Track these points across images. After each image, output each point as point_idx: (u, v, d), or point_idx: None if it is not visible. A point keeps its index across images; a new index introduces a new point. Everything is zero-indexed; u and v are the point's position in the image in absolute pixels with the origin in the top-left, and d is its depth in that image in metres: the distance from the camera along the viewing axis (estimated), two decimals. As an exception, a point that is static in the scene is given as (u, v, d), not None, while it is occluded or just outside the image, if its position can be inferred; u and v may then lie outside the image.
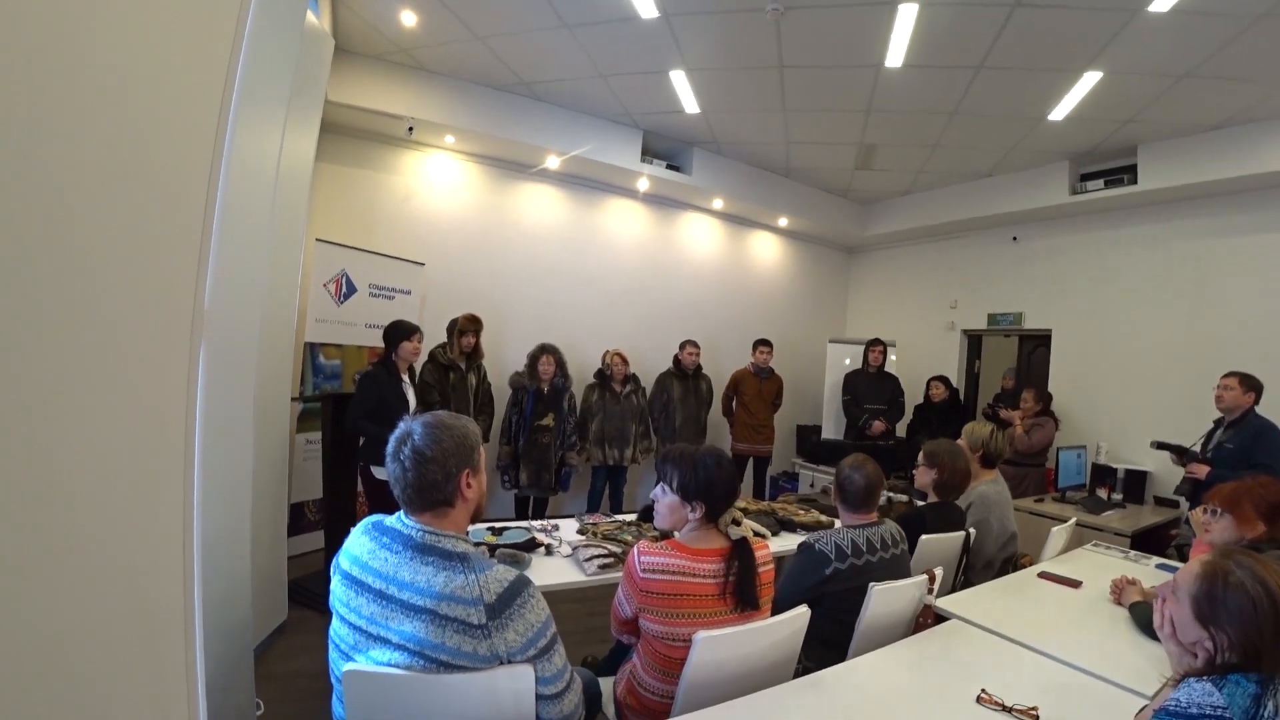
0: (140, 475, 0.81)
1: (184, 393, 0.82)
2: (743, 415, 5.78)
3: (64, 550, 0.73)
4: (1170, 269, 5.18)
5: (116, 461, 0.78)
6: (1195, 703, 1.04)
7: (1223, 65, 3.70)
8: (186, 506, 0.85)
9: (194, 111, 0.79)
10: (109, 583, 0.78)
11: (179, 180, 0.80)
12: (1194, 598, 1.15)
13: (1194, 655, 1.14)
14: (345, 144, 4.85)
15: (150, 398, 0.80)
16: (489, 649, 1.19)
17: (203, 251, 0.80)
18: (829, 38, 3.86)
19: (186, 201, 0.80)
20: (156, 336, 0.79)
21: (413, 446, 1.28)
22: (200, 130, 0.79)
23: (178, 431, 0.83)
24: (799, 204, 6.78)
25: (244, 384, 2.32)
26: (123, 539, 0.79)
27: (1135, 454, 4.87)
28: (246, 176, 1.68)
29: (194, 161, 0.80)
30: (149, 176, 0.77)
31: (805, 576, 2.01)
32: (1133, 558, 3.07)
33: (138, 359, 0.77)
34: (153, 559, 0.84)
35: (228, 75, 0.79)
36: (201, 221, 0.80)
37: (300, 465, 4.27)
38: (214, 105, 0.79)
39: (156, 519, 0.84)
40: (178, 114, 0.78)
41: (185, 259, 0.79)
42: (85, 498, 0.74)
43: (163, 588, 0.85)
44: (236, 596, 2.38)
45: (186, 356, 0.81)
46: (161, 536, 0.84)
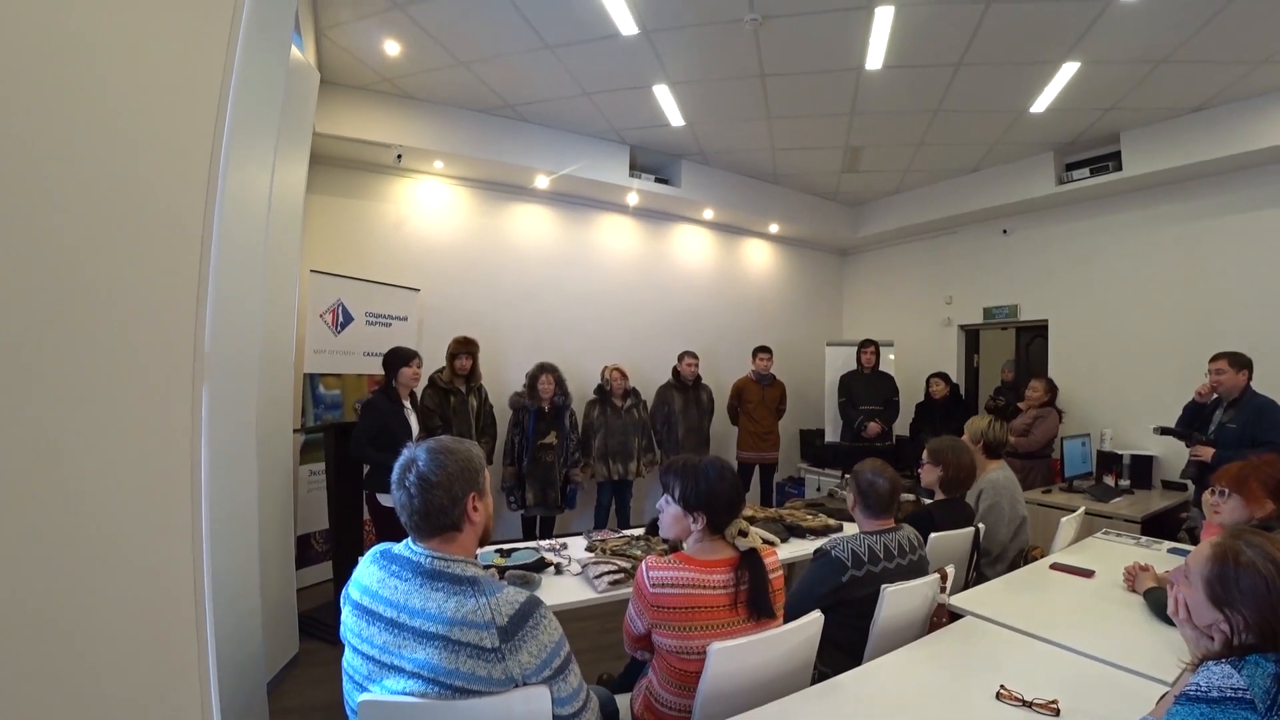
0: (150, 517, 0.82)
1: (188, 434, 0.83)
2: (747, 423, 5.77)
3: (79, 594, 0.73)
4: (1161, 252, 5.21)
5: (125, 507, 0.78)
6: (1215, 685, 1.04)
7: (1198, 48, 3.74)
8: (195, 546, 0.86)
9: (186, 155, 0.80)
10: (123, 622, 0.78)
11: (175, 223, 0.81)
12: (1206, 580, 1.14)
13: (1211, 638, 1.14)
14: (335, 175, 4.88)
15: (156, 442, 0.81)
16: (503, 672, 1.18)
17: (200, 294, 0.80)
18: (808, 44, 3.90)
19: (183, 245, 0.81)
20: (159, 383, 0.79)
21: (417, 472, 1.28)
22: (193, 173, 0.80)
23: (183, 472, 0.83)
24: (789, 209, 6.81)
25: (245, 419, 2.32)
26: (134, 583, 0.79)
27: (1140, 439, 4.86)
28: (239, 213, 1.69)
29: (189, 204, 0.81)
30: (146, 222, 0.78)
31: (822, 583, 1.99)
32: (1144, 543, 3.06)
33: (142, 406, 0.78)
34: (165, 599, 0.84)
35: (218, 117, 0.80)
36: (198, 265, 0.81)
37: (305, 496, 4.26)
38: (205, 148, 0.80)
39: (167, 561, 0.84)
40: (170, 158, 0.79)
41: (184, 304, 0.80)
42: (97, 543, 0.74)
43: (175, 626, 0.85)
44: (247, 632, 2.37)
45: (189, 399, 0.82)
46: (172, 577, 0.84)
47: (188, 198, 0.80)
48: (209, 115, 0.80)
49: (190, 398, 0.83)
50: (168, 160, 0.79)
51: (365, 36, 3.91)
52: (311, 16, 3.65)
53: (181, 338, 0.81)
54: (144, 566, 0.82)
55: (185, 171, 0.80)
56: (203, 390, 0.83)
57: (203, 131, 0.80)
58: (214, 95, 0.80)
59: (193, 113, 0.81)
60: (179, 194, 0.80)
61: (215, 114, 0.80)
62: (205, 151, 0.80)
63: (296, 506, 3.85)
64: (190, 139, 0.80)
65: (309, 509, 4.26)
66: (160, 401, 0.82)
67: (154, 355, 0.80)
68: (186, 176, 0.80)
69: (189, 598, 0.86)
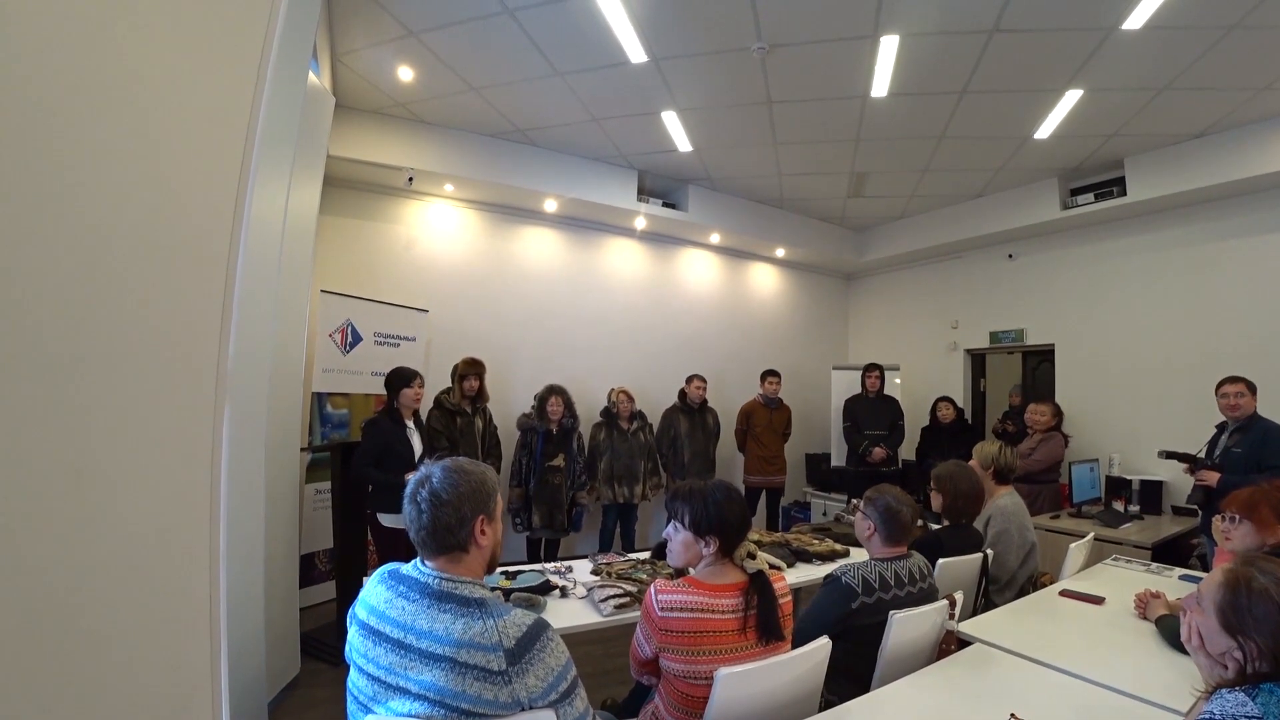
0: (171, 535, 0.83)
1: (209, 453, 0.84)
2: (754, 448, 5.76)
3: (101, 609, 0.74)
4: (1166, 276, 5.21)
5: (148, 524, 0.79)
6: (1229, 714, 1.03)
7: (1200, 75, 3.79)
8: (213, 565, 0.87)
9: (216, 180, 0.83)
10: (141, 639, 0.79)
11: (204, 246, 0.83)
12: (1219, 607, 1.14)
13: (1224, 666, 1.13)
14: (347, 196, 4.95)
15: (179, 461, 0.82)
16: (510, 695, 1.18)
17: (225, 315, 0.82)
18: (814, 72, 3.96)
19: (211, 266, 0.83)
20: (184, 402, 0.81)
21: (430, 489, 1.29)
22: (222, 197, 0.83)
23: (204, 491, 0.85)
24: (795, 234, 6.86)
25: (255, 436, 2.34)
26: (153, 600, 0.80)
27: (1149, 464, 4.82)
28: (256, 234, 1.73)
29: (217, 227, 0.83)
30: (177, 246, 0.80)
31: (831, 609, 1.97)
32: (1155, 570, 3.03)
33: (167, 425, 0.80)
34: (182, 617, 0.85)
35: (246, 144, 0.83)
36: (224, 287, 0.83)
37: (310, 515, 4.26)
38: (234, 173, 0.82)
39: (186, 579, 0.85)
40: (202, 183, 0.82)
41: (209, 324, 0.82)
42: (119, 559, 0.76)
43: (191, 646, 0.85)
44: (250, 651, 2.36)
45: (212, 418, 0.83)
46: (190, 595, 0.85)
47: (216, 222, 0.82)
48: (238, 143, 0.83)
49: (213, 417, 0.84)
50: (199, 186, 0.82)
51: (379, 62, 3.99)
52: (328, 43, 3.74)
53: (206, 358, 0.83)
54: (164, 584, 0.84)
55: (215, 196, 0.83)
56: (224, 409, 0.85)
57: (231, 157, 0.82)
58: (243, 124, 0.83)
59: (223, 141, 0.83)
60: (208, 218, 0.83)
61: (244, 142, 0.83)
62: (234, 176, 0.82)
63: (301, 525, 3.84)
64: (220, 165, 0.83)
65: (314, 528, 4.26)
66: (185, 421, 0.83)
67: (179, 375, 0.82)
68: (216, 201, 0.83)
69: (204, 617, 0.87)
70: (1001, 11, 3.26)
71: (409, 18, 3.51)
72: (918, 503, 2.23)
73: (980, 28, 3.41)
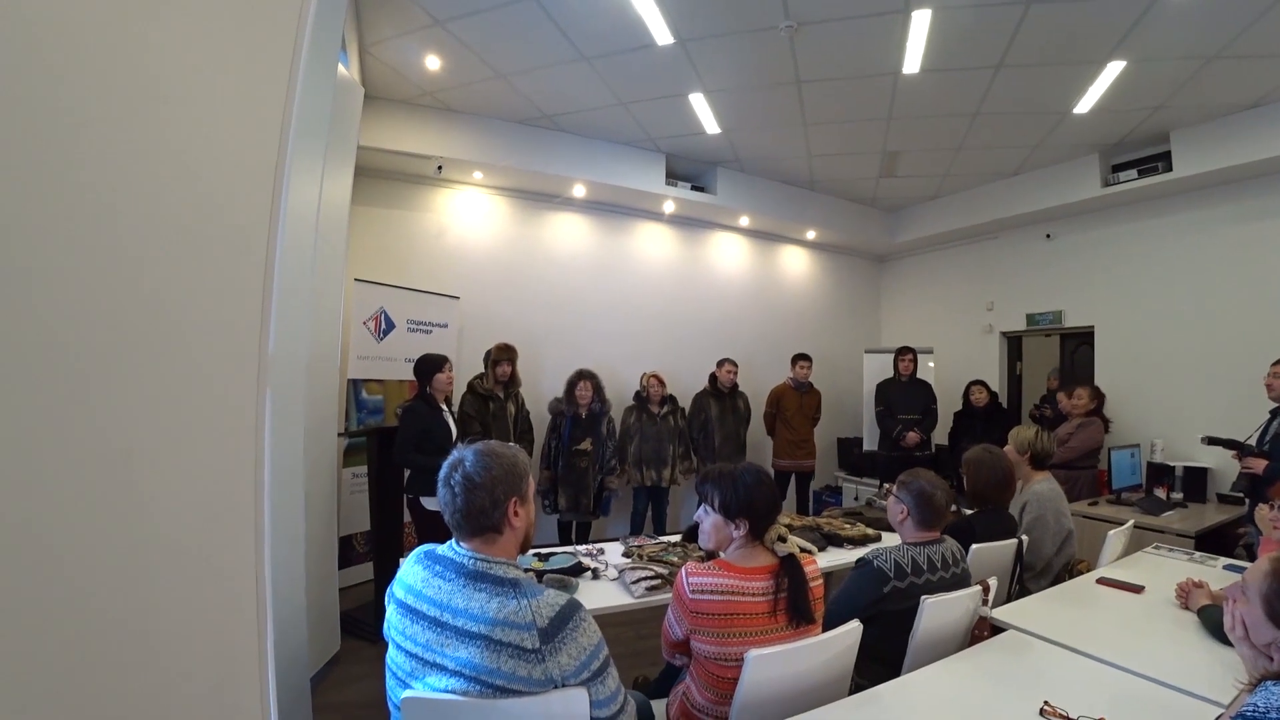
0: (216, 519, 0.87)
1: (253, 438, 0.87)
2: (784, 431, 5.73)
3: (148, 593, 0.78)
4: (1213, 255, 5.01)
5: (194, 509, 0.83)
6: (1274, 706, 1.00)
7: (1251, 43, 3.61)
8: (258, 547, 0.90)
9: (253, 173, 0.85)
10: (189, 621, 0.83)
11: (243, 238, 0.86)
12: (1265, 597, 1.11)
13: (1269, 658, 1.10)
14: (378, 186, 5.02)
15: (224, 446, 0.86)
16: (543, 673, 1.21)
17: (265, 301, 0.85)
18: (844, 50, 3.88)
19: (250, 257, 0.86)
20: (227, 388, 0.84)
21: (463, 472, 1.32)
22: (259, 189, 0.85)
23: (248, 475, 0.88)
24: (826, 216, 6.76)
25: (294, 422, 2.40)
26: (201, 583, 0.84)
27: (1193, 450, 4.67)
28: (291, 225, 1.77)
29: (256, 218, 0.86)
30: (217, 237, 0.83)
31: (863, 593, 1.96)
32: (1198, 559, 2.95)
33: (211, 410, 0.83)
34: (229, 599, 0.89)
35: (281, 138, 0.85)
36: (263, 276, 0.85)
37: (347, 499, 4.37)
38: (270, 166, 0.84)
39: (232, 561, 0.89)
40: (239, 176, 0.84)
41: (250, 312, 0.85)
42: (166, 545, 0.79)
43: (238, 625, 0.89)
44: (292, 628, 2.45)
45: (254, 403, 0.86)
46: (235, 576, 0.89)
47: (254, 213, 0.85)
48: (273, 138, 0.85)
49: (255, 402, 0.87)
50: (236, 181, 0.85)
51: (407, 52, 4.02)
52: (356, 34, 3.78)
53: (248, 347, 0.85)
54: (211, 567, 0.87)
55: (252, 190, 0.85)
56: (266, 395, 0.88)
57: (267, 152, 0.85)
58: (277, 119, 0.85)
59: (258, 137, 0.86)
60: (246, 212, 0.85)
61: (279, 137, 0.85)
62: (269, 171, 0.84)
63: (339, 508, 3.95)
64: (256, 160, 0.85)
65: (351, 511, 4.37)
66: (228, 406, 0.86)
67: (224, 363, 0.85)
68: (253, 195, 0.85)
69: (250, 598, 0.91)
70: (1041, -18, 3.15)
71: (435, 6, 3.52)
72: (951, 487, 2.20)
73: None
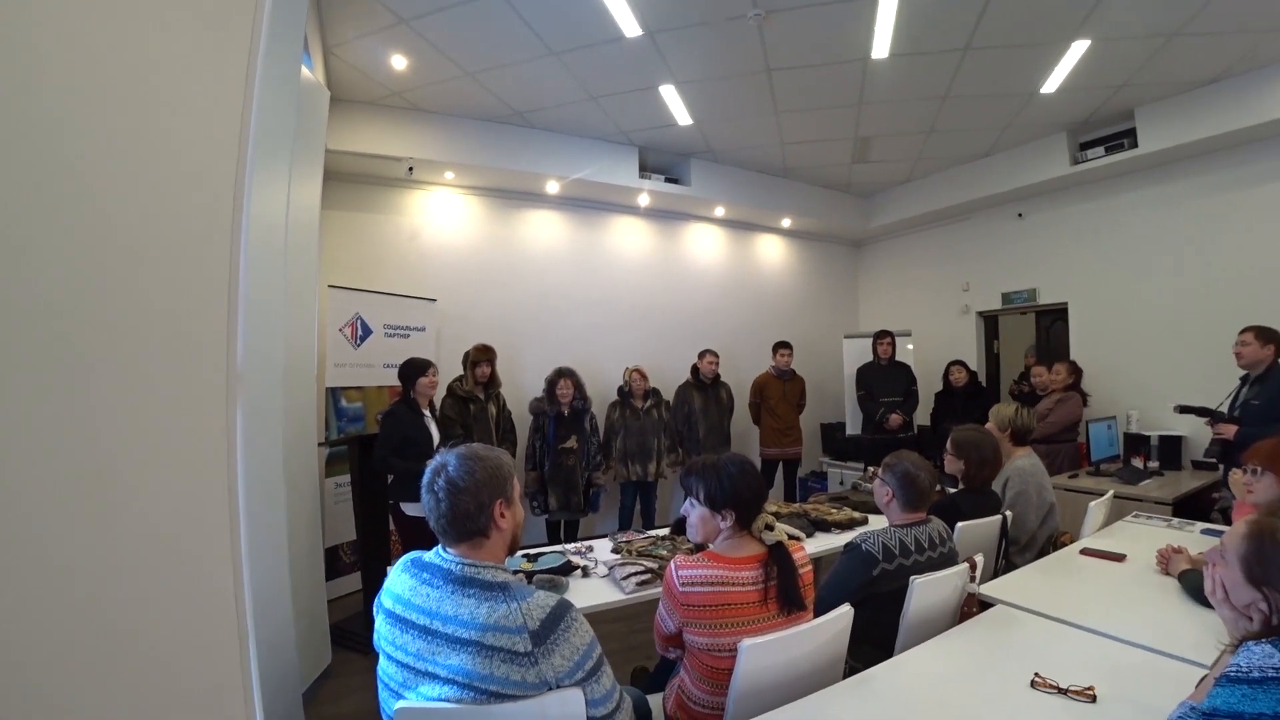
0: (192, 535, 0.84)
1: (225, 452, 0.85)
2: (769, 420, 5.77)
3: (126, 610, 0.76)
4: (1180, 228, 5.11)
5: (168, 525, 0.80)
6: (1256, 666, 1.02)
7: (1210, 20, 3.67)
8: (236, 562, 0.88)
9: (212, 178, 0.82)
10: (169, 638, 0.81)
11: (205, 246, 0.83)
12: (1243, 559, 1.13)
13: (1249, 618, 1.12)
14: (348, 190, 4.94)
15: (195, 461, 0.83)
16: (537, 676, 1.20)
17: (231, 314, 0.83)
18: (813, 36, 3.88)
19: (214, 266, 0.83)
20: (196, 403, 0.82)
21: (446, 478, 1.30)
22: (220, 195, 0.82)
23: (222, 489, 0.86)
24: (800, 203, 6.79)
25: (272, 434, 2.36)
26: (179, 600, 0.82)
27: (1167, 419, 4.76)
28: (258, 232, 1.73)
29: (217, 225, 0.83)
30: (177, 246, 0.80)
31: (853, 576, 1.98)
32: (1176, 525, 3.01)
33: (180, 426, 0.80)
34: (208, 615, 0.87)
35: (240, 141, 0.83)
36: (228, 286, 0.83)
37: (331, 509, 4.31)
38: (230, 171, 0.82)
39: (210, 577, 0.86)
40: (198, 182, 0.81)
41: (216, 324, 0.82)
42: (142, 561, 0.77)
43: (219, 642, 0.87)
44: (282, 644, 2.41)
45: (225, 417, 0.84)
46: (214, 593, 0.87)
47: (216, 219, 0.82)
48: (232, 141, 0.82)
49: (225, 417, 0.85)
50: (194, 186, 0.82)
51: (372, 52, 3.96)
52: (319, 35, 3.71)
53: (214, 357, 0.83)
54: (188, 583, 0.85)
55: (211, 196, 0.82)
56: (237, 408, 0.85)
57: (226, 156, 0.82)
58: (236, 120, 0.82)
59: (217, 138, 0.83)
60: (206, 218, 0.83)
61: (239, 140, 0.82)
62: (230, 175, 0.82)
63: (324, 519, 3.90)
64: (216, 162, 0.82)
65: (336, 521, 4.32)
66: (197, 421, 0.84)
67: (188, 376, 0.82)
68: (213, 201, 0.82)
69: (230, 613, 0.89)
70: (1003, -37, 3.17)
71: (399, 5, 3.47)
72: (935, 467, 2.22)
73: (982, -19, 3.33)
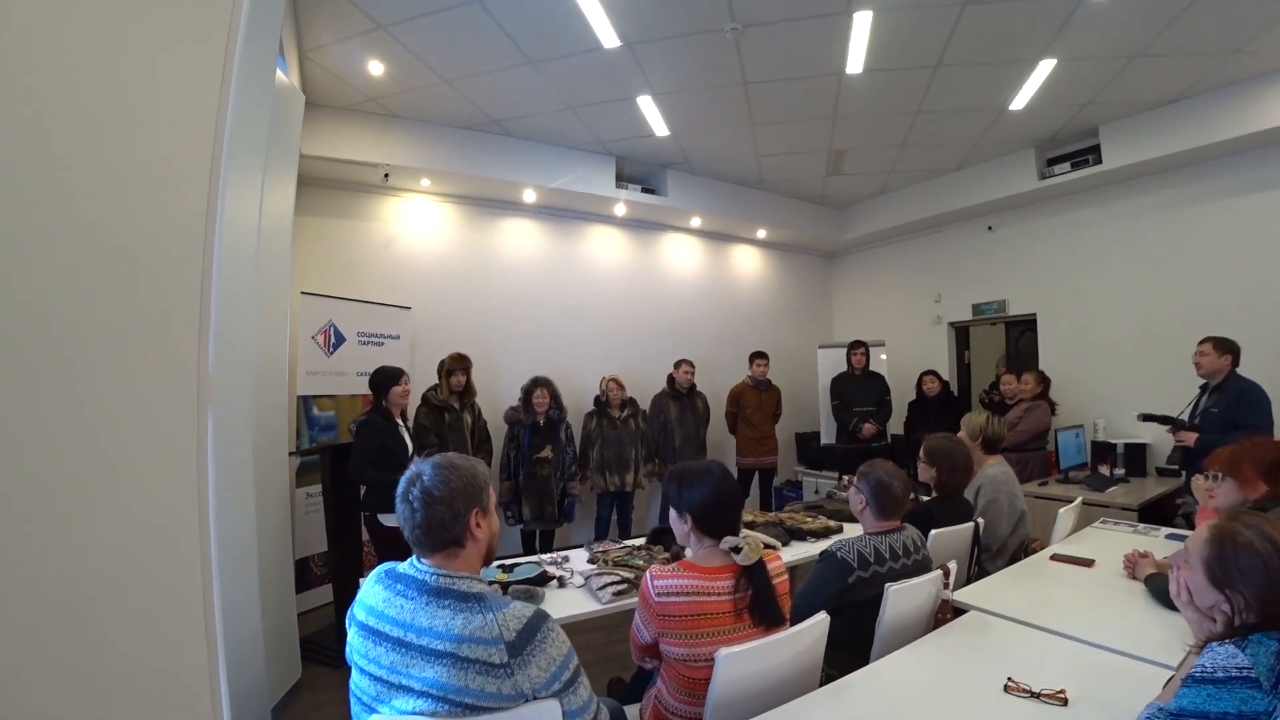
0: (160, 546, 0.82)
1: (195, 459, 0.83)
2: (745, 429, 5.79)
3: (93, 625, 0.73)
4: (1143, 242, 5.27)
5: (136, 535, 0.78)
6: (1220, 666, 1.05)
7: (1171, 41, 3.81)
8: (205, 574, 0.86)
9: (186, 183, 0.81)
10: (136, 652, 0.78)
11: (177, 251, 0.81)
12: (1206, 562, 1.16)
13: (1213, 620, 1.15)
14: (323, 196, 4.88)
15: (163, 470, 0.81)
16: (513, 687, 1.18)
17: (203, 317, 0.81)
18: (789, 51, 3.94)
19: (186, 272, 0.81)
20: (165, 411, 0.80)
21: (421, 487, 1.28)
22: (193, 200, 0.81)
23: (191, 499, 0.84)
24: (775, 214, 6.85)
25: (242, 443, 2.31)
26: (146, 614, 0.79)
27: (1132, 427, 4.88)
28: (231, 238, 1.70)
29: (190, 231, 0.81)
30: (149, 251, 0.79)
31: (828, 584, 1.99)
32: (1142, 530, 3.09)
33: (150, 433, 0.78)
34: (176, 629, 0.84)
35: (214, 147, 0.81)
36: (200, 291, 0.81)
37: (303, 519, 4.23)
38: (204, 175, 0.80)
39: (178, 590, 0.84)
40: (171, 186, 0.80)
41: (187, 326, 0.81)
42: (108, 572, 0.75)
43: (186, 656, 0.84)
44: (251, 659, 2.35)
45: (195, 425, 0.82)
46: (182, 606, 0.84)
47: (188, 225, 0.81)
48: (206, 145, 0.81)
49: (196, 423, 0.83)
50: (168, 190, 0.80)
51: (348, 57, 3.92)
52: (295, 39, 3.67)
53: (185, 364, 0.81)
54: (156, 594, 0.83)
55: (185, 200, 0.81)
56: (208, 415, 0.83)
57: (200, 160, 0.80)
58: (210, 122, 0.81)
59: (191, 140, 0.81)
60: (179, 223, 0.81)
61: (213, 144, 0.81)
62: (204, 179, 0.80)
63: (294, 530, 3.82)
64: (190, 164, 0.81)
65: (307, 532, 4.23)
66: (168, 427, 0.82)
67: (159, 383, 0.81)
68: (186, 205, 0.81)
69: (199, 626, 0.86)
70: (973, -18, 3.26)
71: (376, 10, 3.44)
72: (909, 476, 2.25)
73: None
